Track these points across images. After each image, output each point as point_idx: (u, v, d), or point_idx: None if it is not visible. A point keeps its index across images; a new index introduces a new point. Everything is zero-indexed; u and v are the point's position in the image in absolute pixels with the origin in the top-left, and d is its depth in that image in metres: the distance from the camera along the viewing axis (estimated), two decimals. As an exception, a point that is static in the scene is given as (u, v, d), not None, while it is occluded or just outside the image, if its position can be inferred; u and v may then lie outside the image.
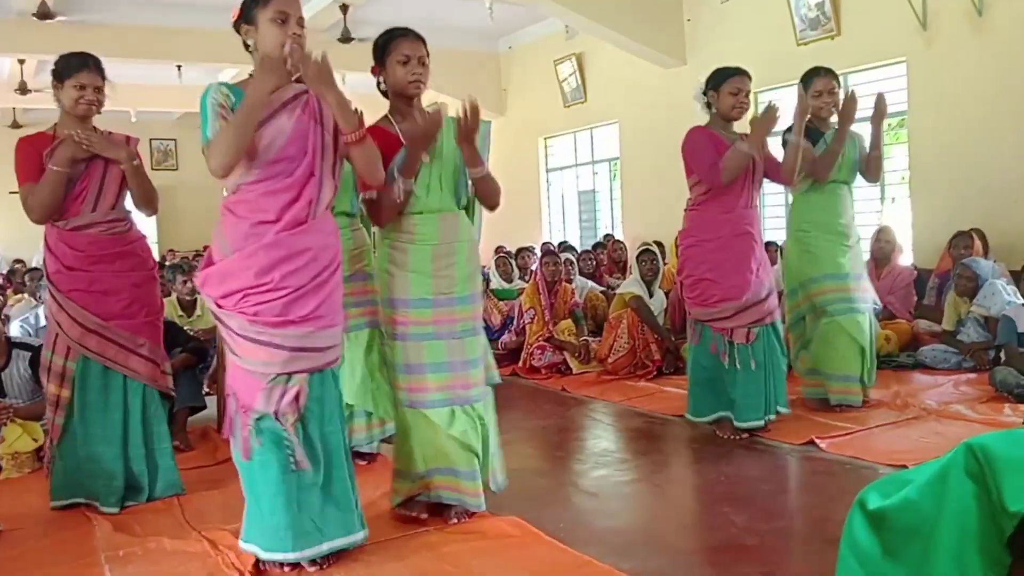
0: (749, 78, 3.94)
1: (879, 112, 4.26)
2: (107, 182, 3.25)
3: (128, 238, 3.32)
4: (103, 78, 3.24)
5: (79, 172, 3.19)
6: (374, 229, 3.18)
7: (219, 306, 2.52)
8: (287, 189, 2.48)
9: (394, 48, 2.85)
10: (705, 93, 3.97)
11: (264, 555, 2.53)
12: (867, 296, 4.32)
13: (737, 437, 3.91)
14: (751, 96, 4.01)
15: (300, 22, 2.52)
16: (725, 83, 3.90)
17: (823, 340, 4.23)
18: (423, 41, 2.89)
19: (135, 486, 3.29)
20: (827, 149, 4.17)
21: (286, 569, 2.54)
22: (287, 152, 2.49)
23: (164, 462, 3.35)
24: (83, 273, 3.22)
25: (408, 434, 2.90)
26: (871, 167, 4.36)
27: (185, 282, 5.38)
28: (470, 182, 2.97)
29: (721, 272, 3.90)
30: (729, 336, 3.91)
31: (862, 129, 4.40)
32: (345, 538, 2.59)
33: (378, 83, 2.93)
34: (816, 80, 4.22)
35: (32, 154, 3.18)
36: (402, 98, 2.91)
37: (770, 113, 3.84)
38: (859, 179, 4.43)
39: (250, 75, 2.57)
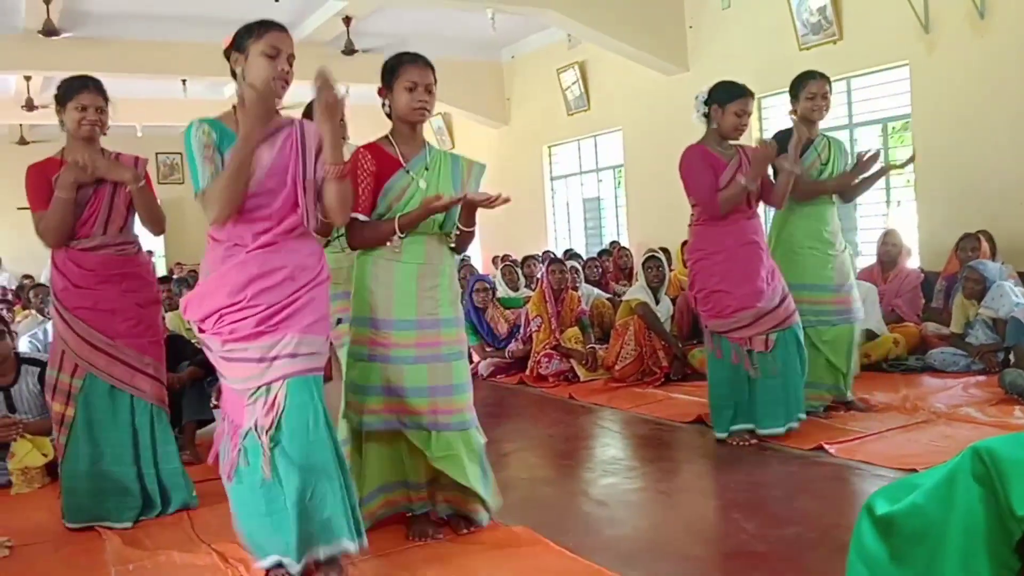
0: (753, 99, 3.94)
1: (880, 173, 4.29)
2: (116, 204, 3.27)
3: (136, 260, 3.35)
4: (105, 98, 3.25)
5: (87, 196, 3.21)
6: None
7: (201, 330, 2.54)
8: (266, 219, 2.49)
9: (402, 73, 2.82)
10: (707, 103, 3.96)
11: (263, 563, 2.51)
12: (850, 307, 4.29)
13: (746, 443, 3.91)
14: (755, 101, 4.00)
15: (290, 59, 2.52)
16: (732, 103, 3.87)
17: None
18: (432, 68, 2.87)
19: (149, 503, 3.30)
20: (820, 185, 4.19)
21: None
22: (266, 185, 2.49)
23: (175, 480, 3.36)
24: (90, 292, 3.24)
25: (368, 457, 2.87)
26: (847, 196, 4.39)
27: (192, 296, 5.38)
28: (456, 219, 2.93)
29: (732, 283, 3.90)
30: (748, 345, 3.91)
31: (867, 137, 4.40)
32: (331, 546, 2.46)
33: (383, 104, 2.92)
34: (810, 83, 4.18)
35: (41, 181, 3.21)
36: (405, 123, 2.90)
37: (769, 150, 3.86)
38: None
39: (233, 107, 2.58)
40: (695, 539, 2.93)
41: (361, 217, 2.80)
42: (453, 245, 2.97)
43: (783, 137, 4.15)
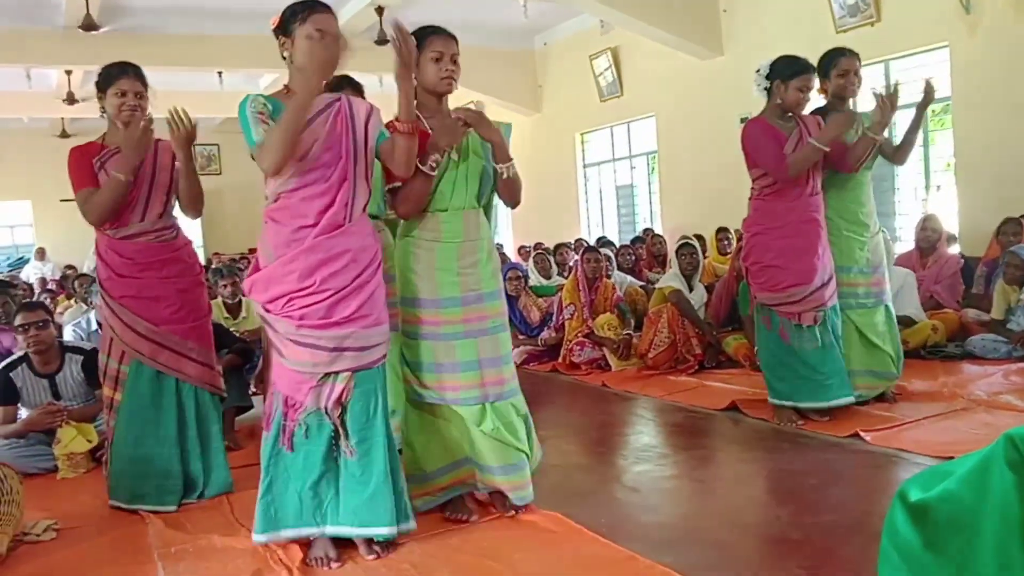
0: (816, 75, 3.92)
1: (927, 98, 4.18)
2: (155, 191, 3.33)
3: (175, 245, 3.40)
4: (144, 84, 3.30)
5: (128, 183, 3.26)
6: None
7: (267, 310, 2.62)
8: (323, 194, 2.55)
9: (428, 45, 2.87)
10: (768, 78, 3.93)
11: (290, 533, 2.65)
12: (883, 289, 4.24)
13: (794, 424, 3.93)
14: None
15: (335, 40, 2.57)
16: (795, 78, 3.85)
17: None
18: (455, 40, 2.92)
19: (191, 485, 3.37)
20: (861, 141, 4.09)
21: (331, 562, 2.62)
22: (322, 159, 2.56)
23: (217, 460, 3.43)
24: (133, 280, 3.30)
25: (425, 432, 2.94)
26: (902, 151, 4.30)
27: (226, 286, 5.47)
28: (493, 180, 2.97)
29: (789, 259, 3.92)
30: (797, 320, 3.93)
31: (907, 113, 4.32)
32: (382, 528, 2.63)
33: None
34: (841, 60, 4.08)
35: (84, 161, 3.28)
36: (432, 95, 2.92)
37: (849, 117, 3.83)
38: (895, 168, 4.33)
39: (285, 87, 2.64)
40: (729, 526, 2.93)
41: (396, 185, 2.84)
42: (503, 193, 2.99)
43: (825, 111, 4.12)
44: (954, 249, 6.46)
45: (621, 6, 8.62)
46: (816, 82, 3.92)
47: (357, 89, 3.58)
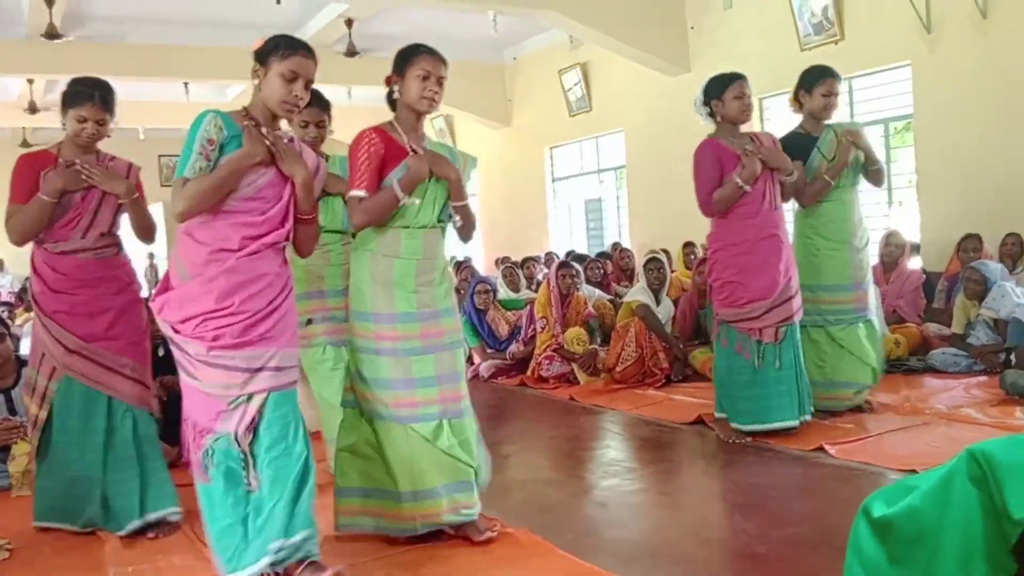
0: (747, 80, 3.97)
1: (860, 145, 4.24)
2: (102, 210, 3.22)
3: (115, 262, 3.28)
4: (109, 110, 3.19)
5: (73, 200, 3.16)
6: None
7: (175, 331, 2.52)
8: (255, 225, 2.52)
9: (416, 62, 2.84)
10: (707, 104, 3.97)
11: (249, 571, 2.48)
12: (866, 304, 4.29)
13: (737, 440, 3.94)
14: (755, 101, 4.01)
15: (307, 84, 2.58)
16: (727, 90, 3.92)
17: (812, 348, 4.24)
18: (445, 63, 2.90)
19: (123, 508, 3.16)
20: (819, 178, 4.16)
21: None
22: (264, 193, 2.54)
23: (157, 477, 3.24)
24: (66, 296, 3.19)
25: (383, 451, 2.84)
26: (873, 178, 4.36)
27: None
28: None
29: (748, 274, 3.95)
30: (757, 336, 3.94)
31: (869, 137, 4.40)
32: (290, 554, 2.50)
33: (391, 92, 2.91)
34: (828, 80, 4.20)
35: (29, 174, 3.15)
36: (412, 112, 2.91)
37: (753, 160, 3.88)
38: (864, 183, 4.40)
39: (244, 109, 2.60)
40: (696, 541, 2.93)
41: (360, 193, 2.80)
42: (459, 231, 3.01)
43: (790, 140, 4.21)
44: (917, 261, 6.56)
45: (590, 22, 8.68)
46: (748, 87, 3.95)
47: (324, 107, 3.56)
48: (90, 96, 3.15)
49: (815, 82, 4.21)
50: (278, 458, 2.50)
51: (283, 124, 2.77)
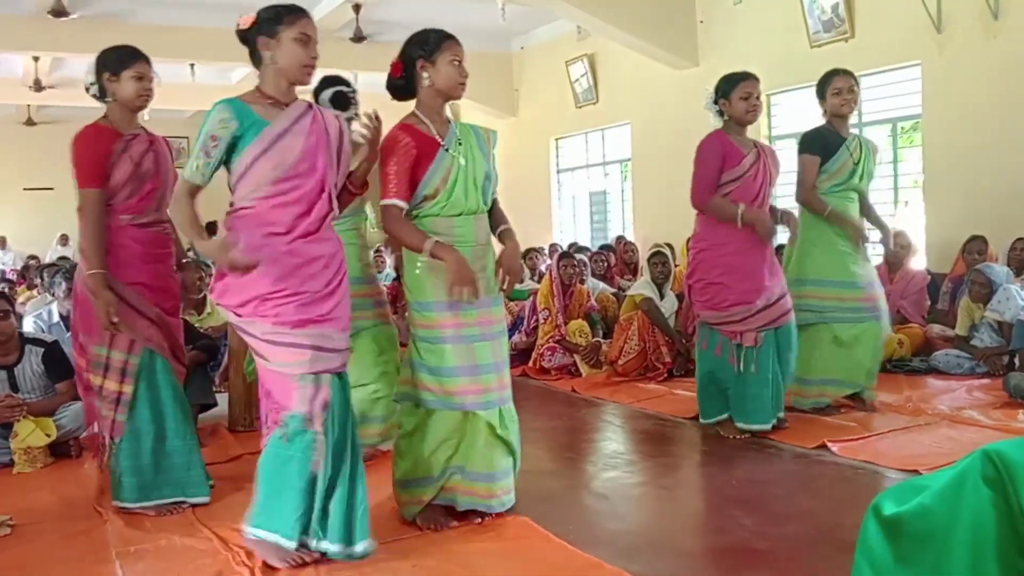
0: (757, 81, 3.93)
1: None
2: (167, 184, 3.21)
3: (172, 239, 3.31)
4: (151, 66, 3.22)
5: (150, 171, 3.16)
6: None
7: (238, 315, 2.56)
8: (297, 202, 2.53)
9: (447, 48, 2.84)
10: (716, 102, 3.97)
11: (270, 537, 2.54)
12: (876, 304, 4.28)
13: (738, 437, 3.93)
14: (763, 98, 3.99)
15: (315, 45, 2.60)
16: (735, 89, 3.89)
17: (808, 344, 4.22)
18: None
19: (194, 479, 3.27)
20: (826, 210, 4.15)
21: (289, 562, 2.56)
22: (298, 170, 2.54)
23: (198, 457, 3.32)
24: (148, 267, 3.18)
25: (429, 437, 2.86)
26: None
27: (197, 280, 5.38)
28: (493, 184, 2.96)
29: (734, 277, 3.91)
30: (737, 339, 3.92)
31: (877, 136, 4.39)
32: (363, 544, 2.59)
33: (419, 78, 2.85)
34: (836, 78, 4.22)
35: (99, 154, 3.08)
36: (441, 98, 2.89)
37: (767, 227, 3.87)
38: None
39: (257, 89, 2.60)
40: (695, 535, 2.93)
41: (400, 204, 2.78)
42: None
43: (816, 134, 4.23)
44: (919, 262, 6.55)
45: (599, 13, 8.64)
46: (757, 88, 3.92)
47: (342, 92, 3.56)
48: (138, 54, 3.17)
49: (826, 85, 4.24)
50: (339, 442, 2.57)
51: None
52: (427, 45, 2.85)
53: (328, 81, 3.62)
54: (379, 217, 2.98)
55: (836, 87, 4.19)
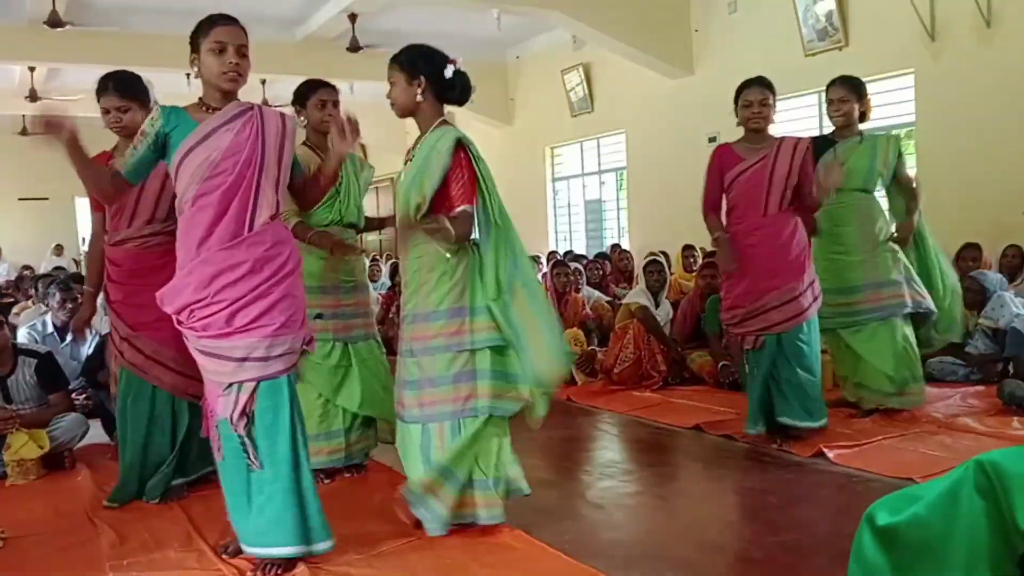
0: (762, 86, 3.91)
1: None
2: (143, 198, 3.27)
3: (164, 253, 3.21)
4: (126, 96, 3.29)
5: None
6: None
7: (178, 322, 2.63)
8: (216, 204, 2.54)
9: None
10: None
11: (271, 552, 2.60)
12: (880, 304, 4.27)
13: (777, 444, 3.91)
14: (772, 101, 3.96)
15: (240, 51, 2.61)
16: (738, 97, 3.95)
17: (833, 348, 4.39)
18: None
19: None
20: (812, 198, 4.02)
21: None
22: (221, 167, 2.55)
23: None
24: (119, 285, 3.34)
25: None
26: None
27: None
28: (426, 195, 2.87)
29: (732, 281, 3.97)
30: (741, 340, 3.97)
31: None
32: (281, 548, 2.58)
33: (419, 93, 2.89)
34: (828, 90, 4.39)
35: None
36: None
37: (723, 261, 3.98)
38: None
39: (199, 99, 2.67)
40: (692, 544, 2.92)
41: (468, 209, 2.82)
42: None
43: (822, 143, 4.32)
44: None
45: (594, 22, 8.68)
46: (757, 94, 3.89)
47: (325, 92, 3.56)
48: (104, 87, 3.30)
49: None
50: (269, 454, 2.56)
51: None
52: (433, 61, 2.96)
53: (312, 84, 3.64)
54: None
55: (828, 99, 4.37)
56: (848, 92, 4.29)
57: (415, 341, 2.85)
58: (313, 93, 3.57)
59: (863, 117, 4.38)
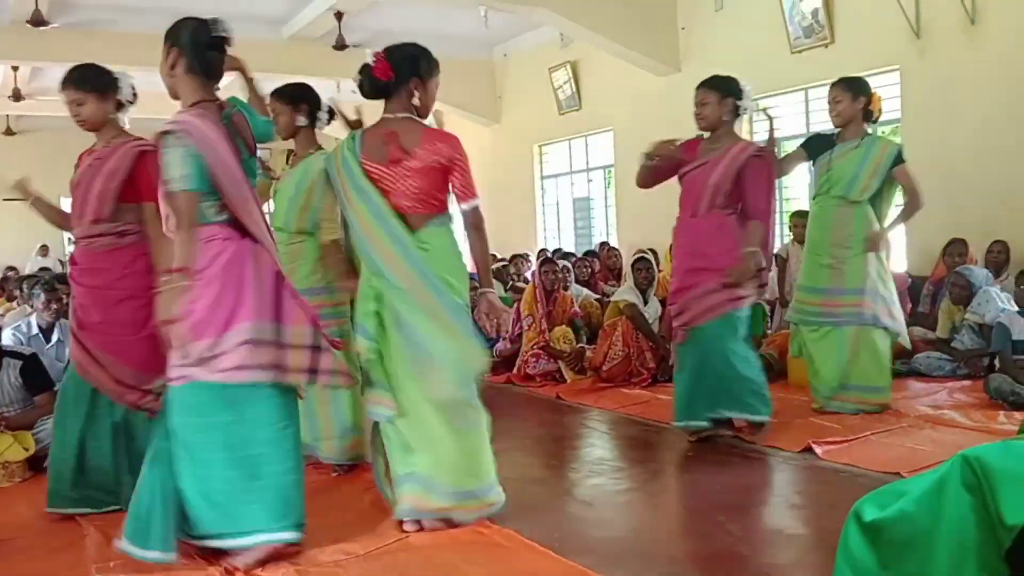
0: (706, 88, 4.00)
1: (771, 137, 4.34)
2: (88, 199, 3.20)
3: (109, 254, 3.21)
4: (81, 89, 3.22)
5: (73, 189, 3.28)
6: None
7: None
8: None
9: (437, 71, 2.96)
10: None
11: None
12: (837, 312, 4.32)
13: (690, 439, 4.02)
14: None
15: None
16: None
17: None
18: None
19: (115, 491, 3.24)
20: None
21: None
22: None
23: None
24: (73, 284, 3.32)
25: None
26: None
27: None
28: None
29: (673, 275, 4.17)
30: (676, 336, 4.06)
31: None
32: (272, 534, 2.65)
33: (413, 97, 2.93)
34: (828, 91, 4.46)
35: None
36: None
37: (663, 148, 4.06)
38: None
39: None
40: (680, 541, 2.93)
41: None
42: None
43: (812, 138, 4.51)
44: (900, 265, 6.60)
45: (581, 20, 8.66)
46: (700, 96, 4.00)
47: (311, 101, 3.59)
48: (63, 82, 3.26)
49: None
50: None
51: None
52: (424, 62, 2.98)
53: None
54: None
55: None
56: (840, 92, 4.33)
57: None
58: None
59: (868, 116, 4.38)
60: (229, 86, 2.80)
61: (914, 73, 6.76)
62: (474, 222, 2.93)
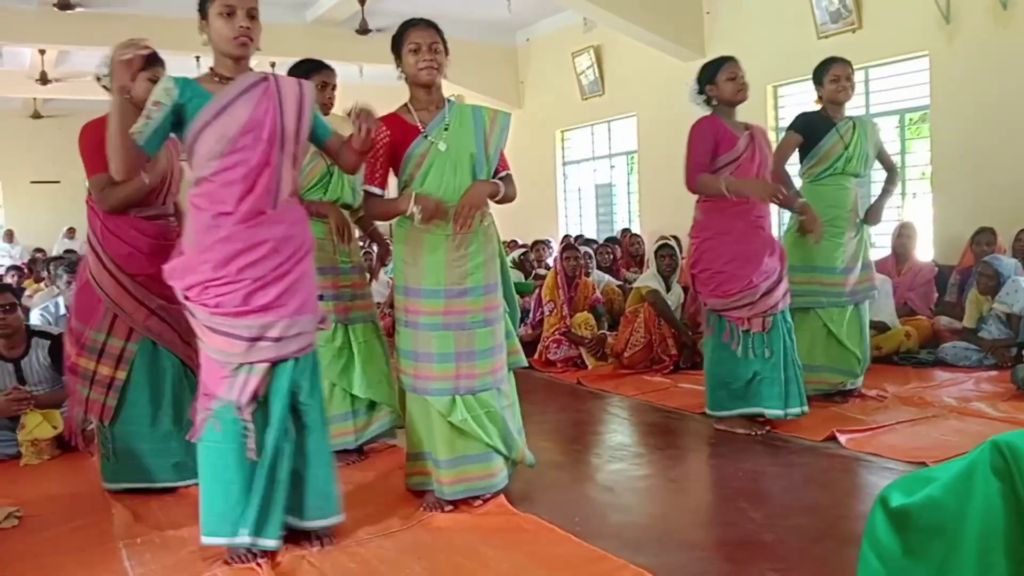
0: (737, 62, 3.95)
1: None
2: (173, 179, 3.35)
3: (176, 231, 3.31)
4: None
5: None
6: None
7: (185, 297, 2.56)
8: (242, 179, 2.47)
9: (406, 38, 2.90)
10: (702, 92, 3.97)
11: (218, 541, 2.59)
12: (855, 288, 4.31)
13: (755, 433, 3.89)
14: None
15: (251, 13, 2.51)
16: (720, 71, 3.91)
17: (808, 331, 4.29)
18: (436, 29, 2.93)
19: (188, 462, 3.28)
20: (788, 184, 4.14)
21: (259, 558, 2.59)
22: (242, 142, 2.47)
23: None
24: (152, 258, 3.20)
25: (412, 418, 3.03)
26: (872, 213, 4.50)
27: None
28: (490, 168, 2.99)
29: (739, 264, 3.90)
30: (746, 325, 3.91)
31: (884, 127, 4.38)
32: (320, 521, 2.66)
33: (400, 76, 3.00)
34: (834, 66, 4.28)
35: (103, 142, 3.21)
36: (418, 87, 2.94)
37: (771, 190, 3.77)
38: (871, 176, 4.43)
39: (210, 69, 2.58)
40: (701, 527, 2.93)
41: (375, 190, 2.91)
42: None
43: (805, 118, 4.32)
44: (927, 254, 6.53)
45: (605, 4, 8.61)
46: (739, 67, 3.92)
47: (325, 74, 3.55)
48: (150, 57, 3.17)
49: (823, 72, 4.29)
50: (282, 430, 2.55)
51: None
52: (394, 42, 2.95)
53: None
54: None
55: (834, 74, 4.24)
56: (852, 71, 4.33)
57: (491, 311, 2.99)
58: (314, 75, 3.55)
59: None
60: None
61: (944, 59, 6.66)
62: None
